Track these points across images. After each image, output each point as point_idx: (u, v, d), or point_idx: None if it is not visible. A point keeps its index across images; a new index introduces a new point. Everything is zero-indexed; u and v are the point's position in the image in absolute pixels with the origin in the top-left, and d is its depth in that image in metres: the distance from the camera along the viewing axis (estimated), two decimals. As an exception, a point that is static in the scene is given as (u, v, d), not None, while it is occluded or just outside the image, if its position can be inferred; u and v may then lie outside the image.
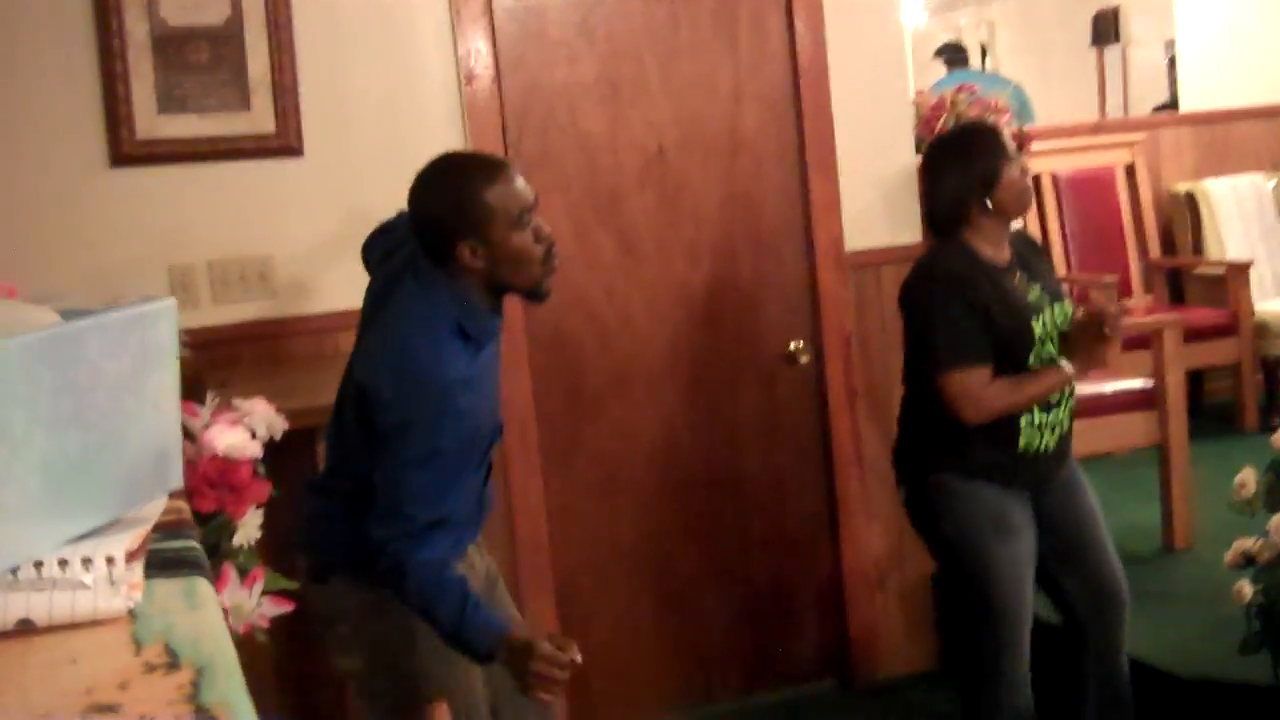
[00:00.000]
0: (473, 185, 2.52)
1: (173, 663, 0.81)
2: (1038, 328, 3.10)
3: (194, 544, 0.96)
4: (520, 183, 2.56)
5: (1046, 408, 3.13)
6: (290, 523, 3.62)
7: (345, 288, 3.82)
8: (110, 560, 0.99)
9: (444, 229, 2.53)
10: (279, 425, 2.18)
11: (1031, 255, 3.27)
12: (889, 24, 4.43)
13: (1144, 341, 4.66)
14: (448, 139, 3.90)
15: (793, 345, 4.25)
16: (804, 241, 4.29)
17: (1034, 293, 3.16)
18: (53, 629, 1.02)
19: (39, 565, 1.02)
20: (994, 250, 3.16)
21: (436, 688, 2.65)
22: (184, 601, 0.87)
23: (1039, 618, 3.25)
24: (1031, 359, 3.10)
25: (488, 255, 2.51)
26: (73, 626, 1.01)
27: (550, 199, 4.07)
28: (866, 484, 4.33)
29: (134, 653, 0.87)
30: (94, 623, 1.01)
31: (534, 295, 2.63)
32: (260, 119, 3.74)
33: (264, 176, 3.77)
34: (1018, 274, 3.17)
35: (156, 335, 0.90)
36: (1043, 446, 3.15)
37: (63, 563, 1.00)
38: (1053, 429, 3.16)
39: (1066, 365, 3.08)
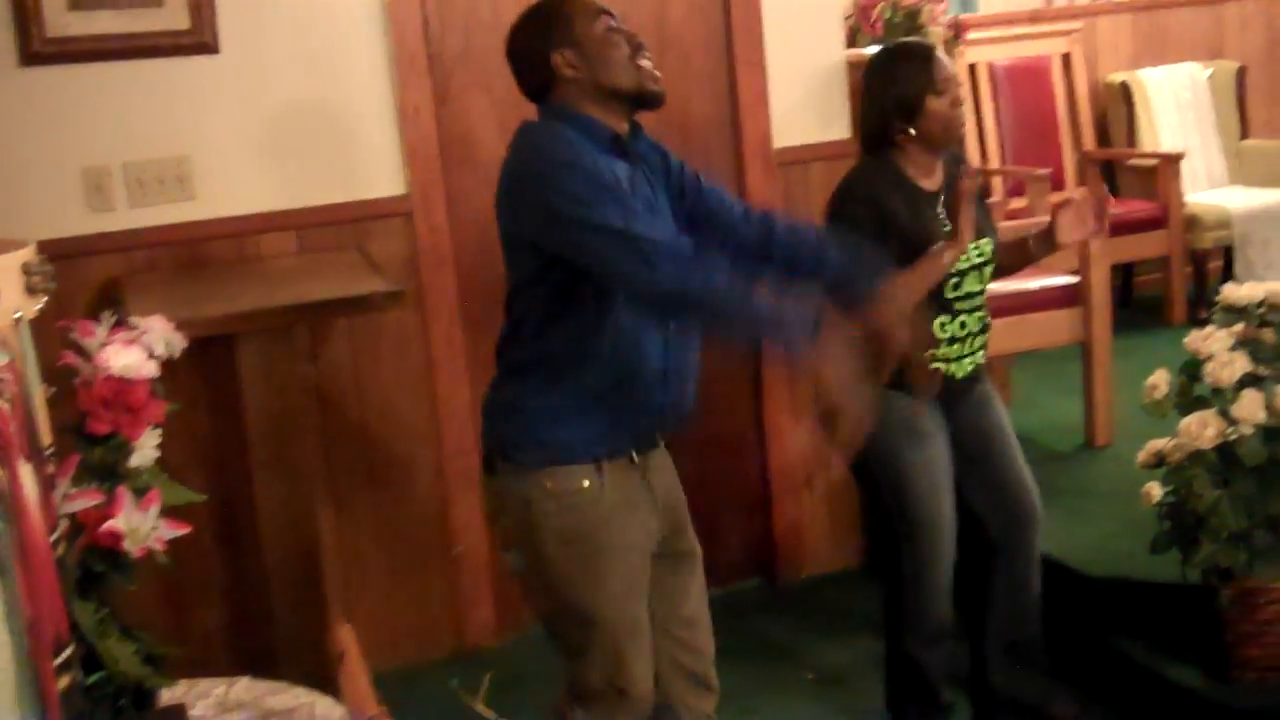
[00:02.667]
0: (552, 3, 2.62)
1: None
2: None
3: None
4: None
5: (952, 340, 3.13)
6: (208, 428, 3.66)
7: (266, 188, 3.79)
8: None
9: (536, 48, 2.60)
10: (177, 343, 2.14)
11: (956, 183, 3.24)
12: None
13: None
14: (367, 34, 3.84)
15: (720, 244, 4.23)
16: (732, 139, 4.26)
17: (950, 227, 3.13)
18: None
19: None
20: (922, 175, 3.12)
21: (590, 602, 2.59)
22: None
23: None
24: (947, 290, 3.09)
25: (579, 57, 2.57)
26: None
27: (474, 97, 4.02)
28: (793, 384, 4.34)
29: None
30: None
31: (644, 98, 2.59)
32: (174, 15, 3.66)
33: (179, 75, 3.69)
34: (942, 203, 3.14)
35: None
36: (954, 374, 3.16)
37: None
38: (959, 359, 3.16)
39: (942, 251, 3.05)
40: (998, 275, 3.26)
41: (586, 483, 2.57)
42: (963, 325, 3.13)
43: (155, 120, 3.68)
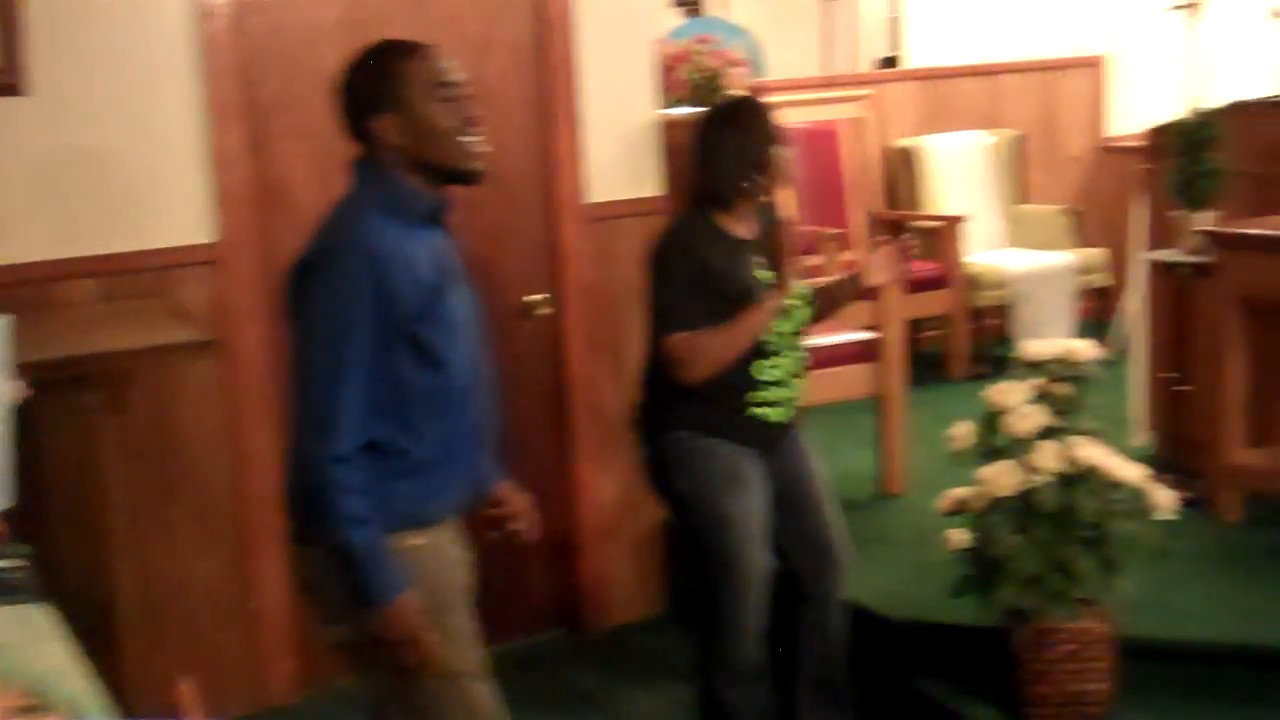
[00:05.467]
0: (390, 57, 2.49)
1: (42, 705, 0.80)
2: None
3: (19, 562, 0.94)
4: (446, 62, 2.49)
5: (777, 384, 3.24)
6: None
7: (69, 234, 3.71)
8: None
9: (361, 101, 2.48)
10: (16, 394, 2.10)
11: (774, 232, 3.37)
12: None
13: (867, 294, 4.84)
14: (182, 78, 3.79)
15: (532, 297, 4.28)
16: (545, 193, 4.32)
17: (770, 274, 3.25)
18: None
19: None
20: (742, 225, 3.24)
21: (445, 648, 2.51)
22: (22, 632, 0.86)
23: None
24: (763, 335, 3.21)
25: (404, 128, 2.44)
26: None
27: (292, 145, 4.00)
28: (601, 434, 4.41)
29: (-6, 695, 0.84)
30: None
31: (464, 176, 2.51)
32: (-20, 54, 3.57)
33: (-16, 116, 3.59)
34: (758, 250, 3.26)
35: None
36: (774, 419, 3.27)
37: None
38: (782, 403, 3.28)
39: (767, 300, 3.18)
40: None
41: (420, 541, 2.51)
42: (781, 368, 3.24)
43: (-43, 162, 3.57)
